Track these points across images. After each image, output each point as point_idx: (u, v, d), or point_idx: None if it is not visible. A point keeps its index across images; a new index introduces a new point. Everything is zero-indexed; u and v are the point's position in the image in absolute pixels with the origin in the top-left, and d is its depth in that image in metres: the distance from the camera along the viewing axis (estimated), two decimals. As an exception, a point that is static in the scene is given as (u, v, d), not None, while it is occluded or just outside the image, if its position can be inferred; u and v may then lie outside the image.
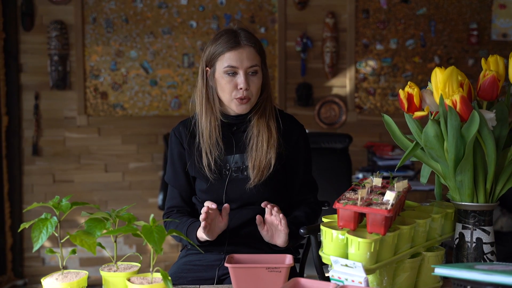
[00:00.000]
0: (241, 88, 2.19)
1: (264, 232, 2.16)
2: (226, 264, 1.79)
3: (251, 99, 2.23)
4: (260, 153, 2.24)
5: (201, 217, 2.07)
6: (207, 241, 2.17)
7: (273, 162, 2.24)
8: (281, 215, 2.10)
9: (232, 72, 2.20)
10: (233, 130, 2.29)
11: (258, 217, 2.13)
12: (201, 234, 2.15)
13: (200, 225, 2.15)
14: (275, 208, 2.10)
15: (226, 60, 2.20)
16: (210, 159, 2.25)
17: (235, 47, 2.20)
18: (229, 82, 2.21)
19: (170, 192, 2.40)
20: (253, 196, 2.25)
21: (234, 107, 2.24)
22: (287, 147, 2.29)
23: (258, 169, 2.23)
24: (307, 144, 2.39)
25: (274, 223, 2.12)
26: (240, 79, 2.20)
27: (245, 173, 2.26)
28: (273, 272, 1.76)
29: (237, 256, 1.89)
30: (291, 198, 2.37)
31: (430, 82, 1.80)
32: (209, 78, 2.27)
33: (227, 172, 2.26)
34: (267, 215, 2.13)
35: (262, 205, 2.11)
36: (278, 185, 2.30)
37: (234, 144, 2.28)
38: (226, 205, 2.15)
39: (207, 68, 2.27)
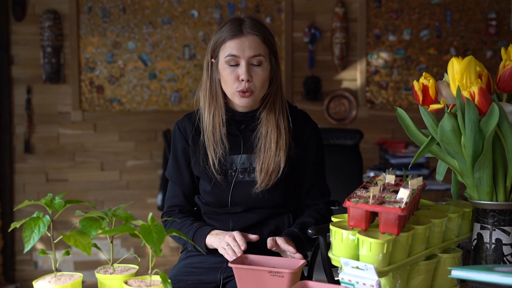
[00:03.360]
0: (242, 80, 2.17)
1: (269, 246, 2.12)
2: (230, 264, 1.82)
3: (254, 92, 2.20)
4: (268, 154, 2.21)
5: (237, 250, 2.04)
6: (215, 249, 2.16)
7: (282, 165, 2.22)
8: (286, 245, 2.07)
9: (233, 62, 2.18)
10: (241, 128, 2.27)
11: (270, 243, 2.08)
12: (211, 242, 2.15)
13: (208, 232, 2.18)
14: (280, 241, 2.07)
15: (227, 49, 2.18)
16: (214, 158, 2.23)
17: (237, 35, 2.18)
18: (231, 74, 2.18)
19: (172, 190, 2.38)
20: (259, 201, 2.24)
21: (237, 101, 2.22)
22: (298, 148, 2.27)
23: (266, 173, 2.21)
24: (319, 144, 2.35)
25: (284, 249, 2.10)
26: (242, 69, 2.17)
27: (252, 176, 2.24)
28: (275, 276, 1.78)
29: (251, 256, 1.91)
30: (300, 202, 2.36)
31: (447, 73, 1.79)
32: (214, 70, 2.25)
33: (233, 174, 2.25)
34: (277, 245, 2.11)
35: (268, 246, 2.08)
36: (287, 189, 2.29)
37: (241, 143, 2.27)
38: (255, 236, 2.12)
39: (212, 60, 2.25)
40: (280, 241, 2.06)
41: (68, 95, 5.13)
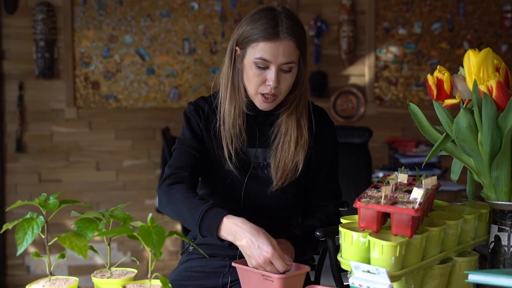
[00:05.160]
0: (269, 85, 2.12)
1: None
2: (233, 264, 1.89)
3: (278, 97, 2.16)
4: (286, 153, 2.19)
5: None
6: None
7: (300, 166, 2.20)
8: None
9: (263, 65, 2.11)
10: (258, 120, 2.24)
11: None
12: (229, 229, 1.91)
13: (225, 214, 1.95)
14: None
15: (259, 51, 2.11)
16: (231, 150, 2.19)
17: (272, 39, 2.09)
18: (258, 76, 2.13)
19: (180, 153, 2.22)
20: (272, 198, 2.22)
21: (258, 104, 2.18)
22: (315, 147, 2.25)
23: (282, 172, 2.19)
24: (335, 144, 2.34)
25: None
26: (271, 75, 2.11)
27: (265, 172, 2.23)
28: (267, 280, 1.81)
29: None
30: (309, 202, 2.35)
31: (462, 67, 1.78)
32: (238, 60, 2.19)
33: (247, 168, 2.22)
34: None
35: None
36: (299, 190, 2.29)
37: (257, 137, 2.24)
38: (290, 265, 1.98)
39: (237, 48, 2.19)
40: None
41: (62, 91, 5.12)
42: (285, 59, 2.10)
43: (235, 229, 1.91)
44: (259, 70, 2.12)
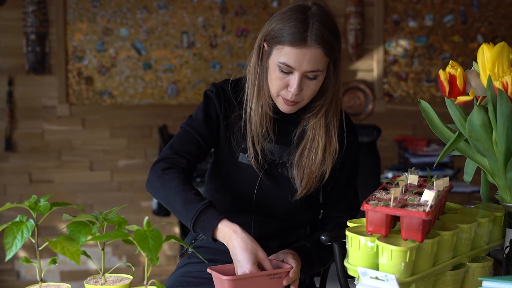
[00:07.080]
0: (290, 91, 2.11)
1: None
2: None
3: (300, 103, 2.15)
4: (313, 161, 2.18)
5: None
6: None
7: (327, 175, 2.20)
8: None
9: (286, 70, 2.09)
10: (279, 115, 2.23)
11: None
12: (224, 233, 1.98)
13: (224, 217, 2.00)
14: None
15: (283, 55, 2.08)
16: (258, 149, 2.19)
17: (299, 45, 2.06)
18: (280, 79, 2.11)
19: (185, 136, 2.22)
20: (284, 200, 2.23)
21: (280, 105, 2.17)
22: (339, 154, 2.24)
23: (308, 179, 2.19)
24: (358, 154, 2.34)
25: None
26: (293, 81, 2.09)
27: (279, 170, 2.23)
28: (273, 279, 1.84)
29: (221, 267, 1.94)
30: (323, 211, 2.35)
31: (476, 61, 1.78)
32: (264, 58, 2.17)
33: (264, 163, 2.22)
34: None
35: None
36: (314, 200, 2.29)
37: (276, 132, 2.23)
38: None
39: (265, 43, 2.17)
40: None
41: (54, 87, 5.12)
42: (310, 67, 2.07)
43: (229, 236, 1.97)
44: (282, 74, 2.10)
